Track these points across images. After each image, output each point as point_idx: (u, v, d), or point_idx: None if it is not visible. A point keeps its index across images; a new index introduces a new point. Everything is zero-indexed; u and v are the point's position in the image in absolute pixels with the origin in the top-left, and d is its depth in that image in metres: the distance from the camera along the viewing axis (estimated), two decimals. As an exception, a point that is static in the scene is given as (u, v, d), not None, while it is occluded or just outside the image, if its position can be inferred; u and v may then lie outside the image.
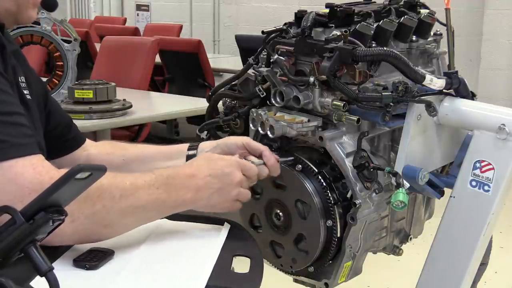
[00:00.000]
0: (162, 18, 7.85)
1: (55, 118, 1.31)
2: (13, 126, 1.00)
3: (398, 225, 1.44)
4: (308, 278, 1.40)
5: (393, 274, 2.85)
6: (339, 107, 1.24)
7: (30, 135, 1.03)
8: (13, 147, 0.98)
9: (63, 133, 1.34)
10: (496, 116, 1.18)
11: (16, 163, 0.97)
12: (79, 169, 0.72)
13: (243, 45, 4.75)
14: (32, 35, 2.85)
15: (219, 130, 1.49)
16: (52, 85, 2.92)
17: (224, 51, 7.29)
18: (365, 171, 1.25)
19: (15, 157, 0.97)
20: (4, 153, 0.96)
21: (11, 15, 1.16)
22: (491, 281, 2.30)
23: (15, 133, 0.99)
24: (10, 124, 1.00)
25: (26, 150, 0.99)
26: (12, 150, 0.97)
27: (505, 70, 5.31)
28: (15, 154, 0.97)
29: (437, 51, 1.47)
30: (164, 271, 1.04)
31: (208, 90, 4.12)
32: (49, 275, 0.72)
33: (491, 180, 1.17)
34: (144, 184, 1.08)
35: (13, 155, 0.97)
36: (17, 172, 0.96)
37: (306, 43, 1.27)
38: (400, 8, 1.40)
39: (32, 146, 1.02)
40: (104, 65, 4.09)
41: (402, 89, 1.19)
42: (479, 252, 1.21)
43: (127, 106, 2.80)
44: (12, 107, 1.02)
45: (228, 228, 1.23)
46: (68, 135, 1.35)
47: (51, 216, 0.73)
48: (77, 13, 9.18)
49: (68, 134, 1.35)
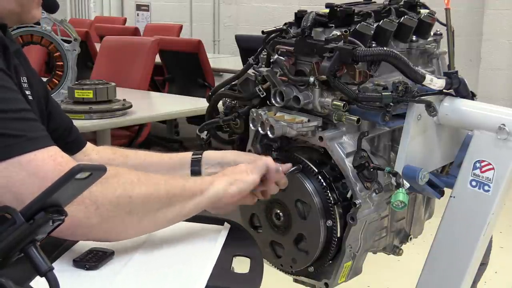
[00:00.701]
0: (162, 18, 7.85)
1: (55, 120, 1.31)
2: (25, 121, 1.01)
3: (398, 225, 1.44)
4: (308, 278, 1.40)
5: (393, 274, 2.85)
6: (339, 107, 1.24)
7: (42, 128, 1.03)
8: (29, 141, 0.98)
9: (63, 135, 1.33)
10: (496, 116, 1.18)
11: (35, 156, 0.97)
12: (79, 169, 0.72)
13: (243, 45, 4.75)
14: (32, 35, 2.85)
15: (219, 130, 1.49)
16: (52, 85, 2.92)
17: (224, 51, 7.29)
18: (365, 171, 1.25)
19: (33, 150, 0.97)
20: (21, 147, 0.97)
21: (15, 15, 1.16)
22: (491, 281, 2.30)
23: (28, 128, 1.00)
24: (22, 120, 1.00)
25: (42, 143, 1.00)
26: (29, 143, 0.98)
27: (505, 70, 5.31)
28: (32, 147, 0.98)
29: (437, 51, 1.47)
30: (164, 271, 1.04)
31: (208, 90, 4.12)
32: (49, 275, 0.72)
33: (491, 180, 1.17)
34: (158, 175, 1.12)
35: (31, 148, 0.97)
36: (38, 165, 0.96)
37: (306, 43, 1.27)
38: (400, 8, 1.40)
39: (47, 138, 1.02)
40: (104, 65, 4.09)
41: (402, 89, 1.19)
42: (479, 252, 1.21)
43: (127, 106, 2.80)
44: (20, 104, 1.02)
45: (228, 228, 1.23)
46: (68, 137, 1.34)
47: (51, 216, 0.73)
48: (77, 13, 9.18)
49: (68, 137, 1.35)
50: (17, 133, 0.97)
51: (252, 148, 1.41)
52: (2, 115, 0.97)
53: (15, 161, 0.96)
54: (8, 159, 0.95)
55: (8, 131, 0.96)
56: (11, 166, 0.96)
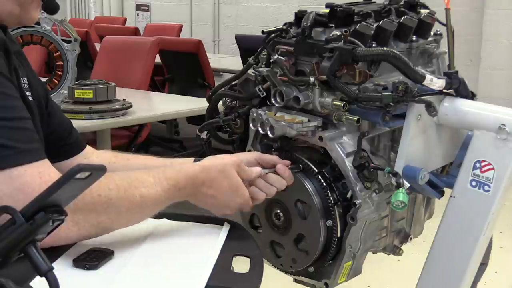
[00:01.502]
0: (162, 18, 7.85)
1: (55, 121, 1.31)
2: (20, 131, 1.01)
3: (398, 225, 1.44)
4: (308, 278, 1.40)
5: (393, 274, 2.85)
6: (339, 107, 1.24)
7: (37, 139, 1.04)
8: (21, 154, 0.99)
9: (63, 136, 1.33)
10: (496, 116, 1.18)
11: (25, 171, 0.97)
12: (79, 169, 0.72)
13: (243, 45, 4.75)
14: (32, 35, 2.85)
15: (219, 130, 1.49)
16: (52, 85, 2.92)
17: (224, 51, 7.29)
18: (365, 171, 1.25)
19: (23, 164, 0.98)
20: (12, 160, 0.97)
21: (14, 16, 1.16)
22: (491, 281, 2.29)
23: (22, 139, 1.00)
24: (17, 130, 1.00)
25: (34, 157, 1.00)
26: (20, 156, 0.98)
27: (505, 70, 5.31)
28: (23, 160, 0.98)
29: (437, 51, 1.47)
30: (164, 271, 1.04)
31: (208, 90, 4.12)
32: (49, 275, 0.72)
33: (491, 180, 1.17)
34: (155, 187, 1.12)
35: (21, 161, 0.98)
36: (26, 181, 0.97)
37: (306, 43, 1.27)
38: (400, 8, 1.40)
39: (39, 152, 1.03)
40: (104, 65, 4.09)
41: (402, 89, 1.18)
42: (479, 252, 1.21)
43: (127, 106, 2.80)
44: (18, 112, 1.03)
45: (228, 228, 1.23)
46: (67, 139, 1.34)
47: (51, 216, 0.74)
48: (77, 13, 9.18)
49: (68, 138, 1.35)
50: (11, 144, 0.98)
51: (252, 148, 1.41)
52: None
53: (5, 173, 0.96)
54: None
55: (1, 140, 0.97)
56: (0, 178, 0.96)
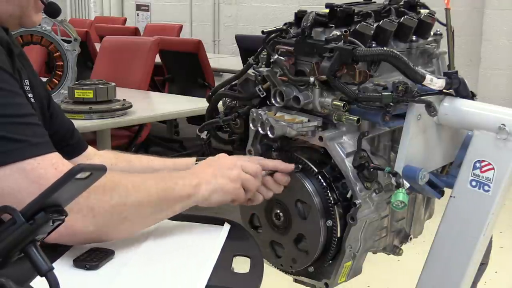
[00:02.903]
0: (162, 18, 7.85)
1: (56, 122, 1.32)
2: (29, 126, 1.02)
3: (398, 225, 1.44)
4: (308, 278, 1.40)
5: (393, 274, 2.85)
6: (339, 107, 1.24)
7: (46, 133, 1.05)
8: (33, 146, 0.99)
9: (65, 137, 1.34)
10: (496, 116, 1.18)
11: (38, 164, 0.98)
12: (79, 169, 0.72)
13: (243, 45, 4.75)
14: (32, 35, 2.85)
15: (219, 130, 1.49)
16: (52, 85, 2.92)
17: (224, 51, 7.29)
18: (365, 171, 1.25)
19: (35, 156, 0.98)
20: (24, 152, 0.98)
21: (16, 19, 1.16)
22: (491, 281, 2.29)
23: (31, 133, 1.01)
24: (25, 125, 1.01)
25: (45, 149, 1.01)
26: (32, 149, 0.99)
27: (505, 70, 5.31)
28: (35, 153, 0.99)
29: (437, 51, 1.47)
30: (164, 271, 1.04)
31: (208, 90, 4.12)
32: (49, 275, 0.72)
33: (491, 180, 1.17)
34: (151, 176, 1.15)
35: (33, 154, 0.98)
36: (40, 173, 0.98)
37: (306, 43, 1.27)
38: (400, 8, 1.40)
39: (49, 144, 1.03)
40: (104, 65, 4.09)
41: (402, 89, 1.18)
42: (479, 252, 1.21)
43: (127, 106, 2.80)
44: (25, 108, 1.03)
45: (228, 228, 1.23)
46: (70, 140, 1.35)
47: (51, 216, 0.74)
48: (77, 13, 9.18)
49: (70, 139, 1.35)
50: (21, 137, 0.98)
51: (252, 148, 1.41)
52: (6, 119, 0.98)
53: (18, 166, 0.97)
54: (10, 164, 0.96)
55: (11, 135, 0.97)
56: (15, 172, 0.97)
